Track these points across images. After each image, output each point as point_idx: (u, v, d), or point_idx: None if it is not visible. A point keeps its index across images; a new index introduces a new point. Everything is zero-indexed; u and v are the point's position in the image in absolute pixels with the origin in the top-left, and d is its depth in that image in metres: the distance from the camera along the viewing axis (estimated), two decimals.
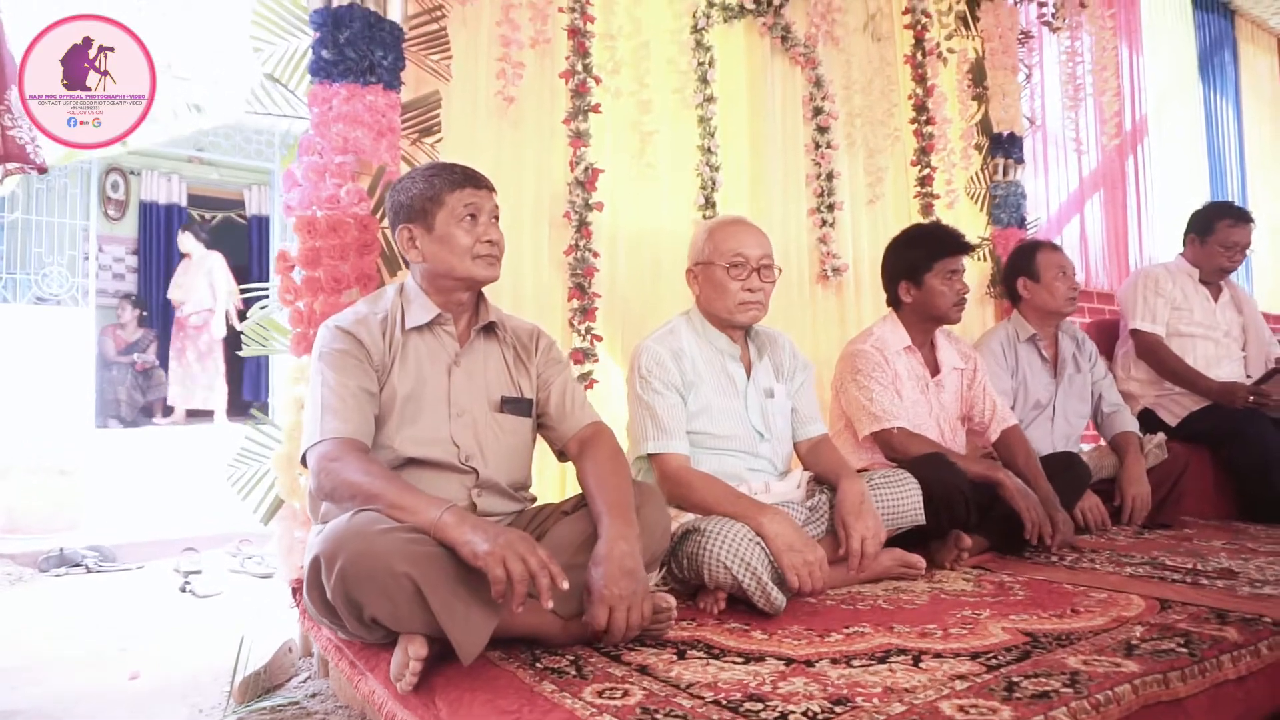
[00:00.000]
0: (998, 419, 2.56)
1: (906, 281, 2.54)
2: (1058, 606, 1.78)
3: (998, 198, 3.62)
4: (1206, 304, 3.38)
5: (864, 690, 1.28)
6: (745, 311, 2.03)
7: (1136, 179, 4.86)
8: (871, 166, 3.24)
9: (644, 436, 1.97)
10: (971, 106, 3.62)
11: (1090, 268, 4.51)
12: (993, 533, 2.31)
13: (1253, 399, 3.07)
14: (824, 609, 1.80)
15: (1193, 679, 1.41)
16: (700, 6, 2.80)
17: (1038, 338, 2.90)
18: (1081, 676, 1.32)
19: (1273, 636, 1.61)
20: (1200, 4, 5.57)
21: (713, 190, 2.72)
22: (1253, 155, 5.98)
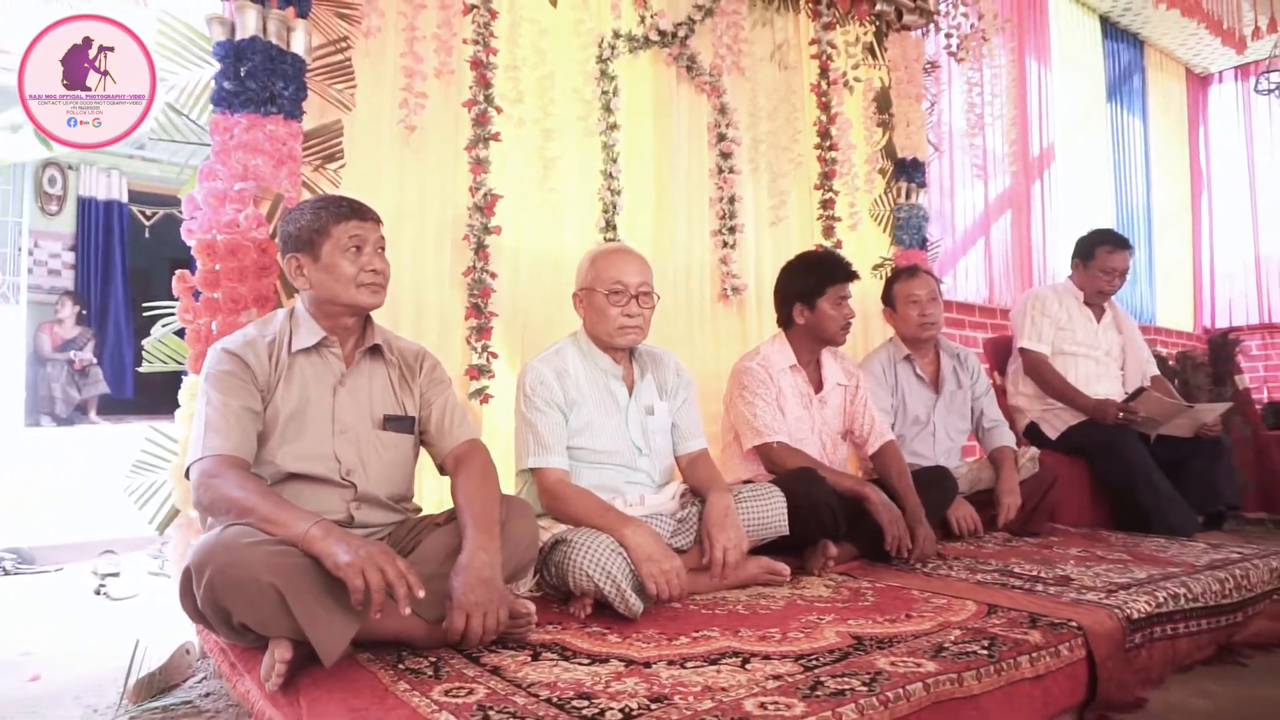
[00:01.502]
0: (876, 434, 2.73)
1: (800, 305, 2.70)
2: (895, 611, 1.95)
3: (900, 220, 3.81)
4: (1089, 325, 3.60)
5: (685, 689, 1.43)
6: (624, 335, 2.17)
7: (1043, 202, 5.11)
8: (775, 190, 3.41)
9: (526, 452, 2.11)
10: (877, 133, 3.80)
11: (994, 287, 4.73)
12: (861, 542, 2.49)
13: (1122, 415, 3.30)
14: (685, 614, 1.95)
15: (988, 678, 1.58)
16: (606, 38, 2.93)
17: (912, 358, 3.08)
18: (882, 676, 1.48)
19: (1074, 639, 1.80)
20: (1110, 33, 5.85)
21: (614, 214, 2.86)
22: (1158, 178, 6.29)
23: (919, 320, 3.06)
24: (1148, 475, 3.19)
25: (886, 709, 1.39)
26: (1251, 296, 6.61)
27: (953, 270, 4.61)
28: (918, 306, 3.06)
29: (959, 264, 4.66)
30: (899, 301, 3.10)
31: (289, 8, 2.21)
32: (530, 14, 2.78)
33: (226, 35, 2.14)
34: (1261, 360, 6.44)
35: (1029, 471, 3.08)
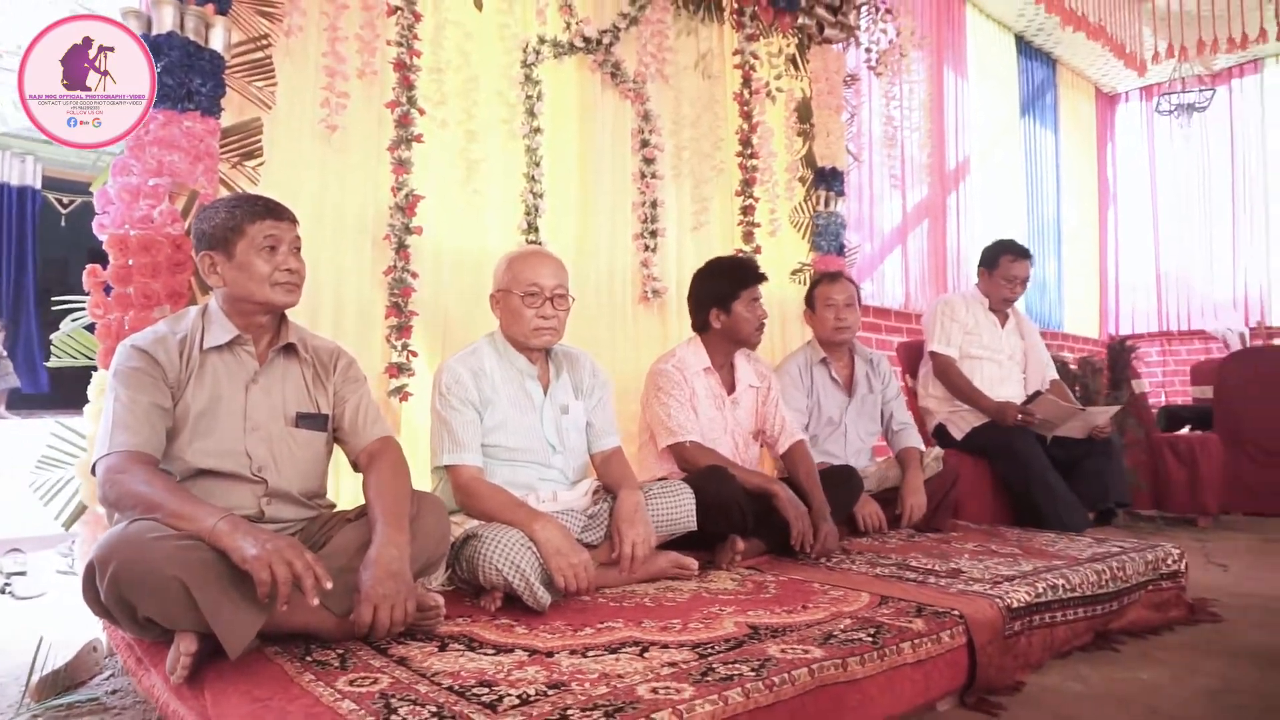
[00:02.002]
0: (786, 434, 2.84)
1: (717, 309, 2.79)
2: (794, 603, 2.05)
3: (819, 227, 3.95)
4: (994, 330, 3.79)
5: (583, 677, 1.49)
6: (539, 336, 2.23)
7: (959, 211, 5.32)
8: (698, 195, 3.50)
9: (441, 449, 2.15)
10: (797, 142, 3.93)
11: (911, 293, 4.92)
12: (769, 538, 2.59)
13: (1021, 417, 3.48)
14: (593, 606, 2.02)
15: (871, 663, 1.68)
16: (531, 43, 2.99)
17: (828, 361, 3.21)
18: (771, 662, 1.57)
19: (956, 627, 1.92)
20: (1025, 51, 6.11)
21: (537, 216, 2.92)
22: (1068, 191, 6.59)
23: (834, 324, 3.19)
24: (1043, 474, 3.38)
25: (772, 692, 1.48)
26: (1152, 306, 6.97)
27: (871, 276, 4.77)
28: (834, 310, 3.19)
29: (877, 270, 4.83)
30: (818, 304, 3.23)
31: (208, 4, 2.22)
32: (455, 17, 2.82)
33: (143, 30, 2.14)
34: (1160, 366, 6.81)
35: (934, 470, 3.23)
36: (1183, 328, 6.81)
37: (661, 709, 1.34)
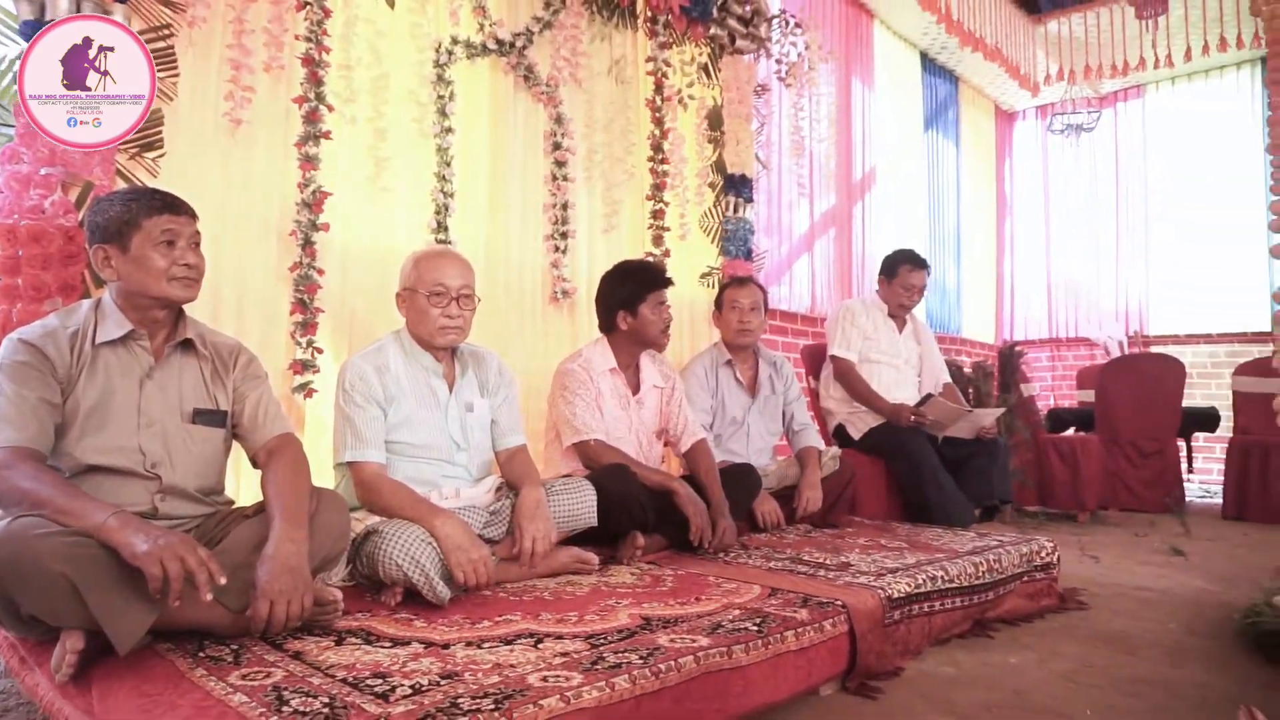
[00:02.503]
0: (688, 433, 2.94)
1: (624, 311, 2.86)
2: (689, 595, 2.13)
3: (728, 232, 4.06)
4: (892, 335, 3.96)
5: (476, 667, 1.54)
6: (444, 335, 2.26)
7: (864, 220, 5.53)
8: (609, 199, 3.57)
9: (343, 446, 2.17)
10: (708, 149, 4.03)
11: (817, 298, 5.09)
12: (669, 533, 2.67)
13: (914, 418, 3.66)
14: (493, 600, 2.06)
15: (755, 651, 1.78)
16: (444, 43, 3.01)
17: (733, 363, 3.33)
18: (659, 651, 1.65)
19: (838, 616, 2.04)
20: (929, 68, 6.38)
21: (446, 215, 2.94)
22: (968, 203, 6.90)
23: (737, 326, 3.30)
24: (933, 472, 3.56)
25: (658, 679, 1.56)
26: (1044, 314, 7.36)
27: (779, 281, 4.92)
28: (738, 313, 3.30)
29: (785, 275, 4.98)
30: (725, 307, 3.34)
31: None
32: (366, 14, 2.82)
33: (35, 14, 2.09)
34: (1049, 371, 7.19)
35: (831, 469, 3.37)
36: (1070, 335, 7.21)
37: (549, 696, 1.40)
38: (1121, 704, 2.00)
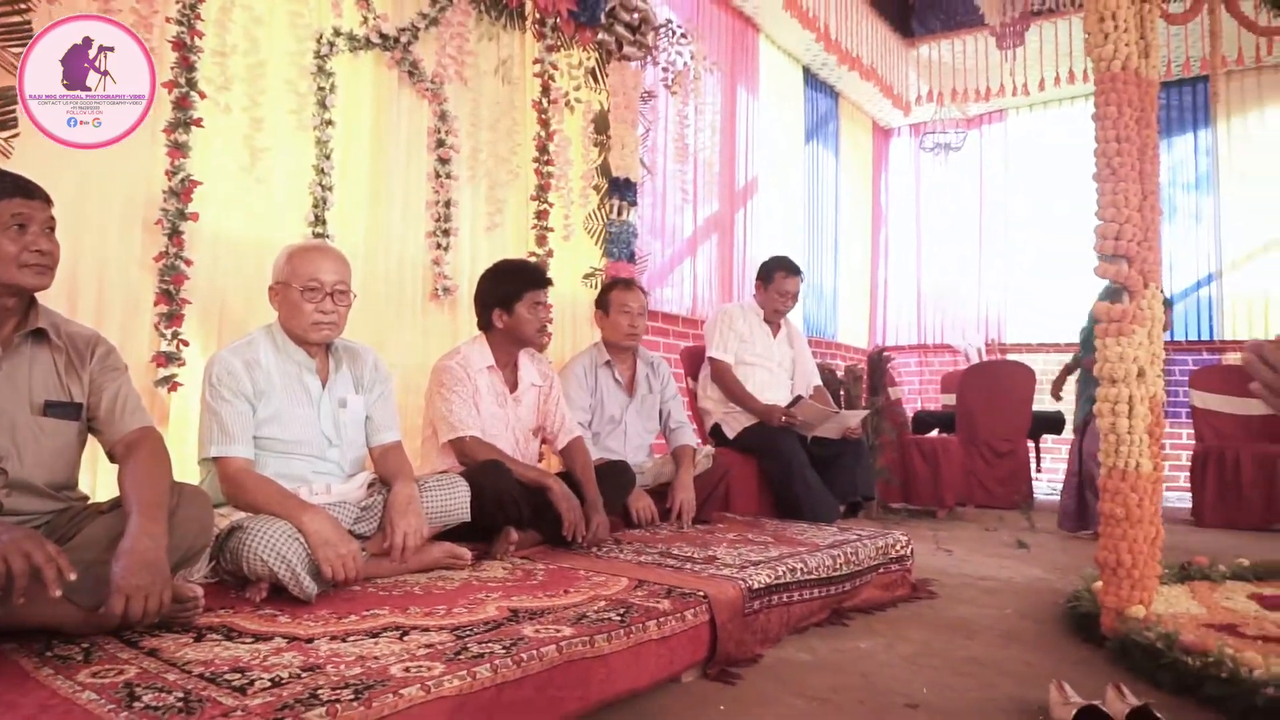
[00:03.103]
0: (565, 431, 3.00)
1: (500, 309, 2.89)
2: (558, 588, 2.19)
3: (612, 234, 4.14)
4: (767, 339, 4.13)
5: (339, 659, 1.56)
6: (318, 331, 2.25)
7: (745, 227, 5.72)
8: (493, 198, 3.59)
9: (209, 440, 2.13)
10: (593, 152, 4.10)
11: (697, 301, 5.24)
12: (544, 529, 2.73)
13: (785, 419, 3.83)
14: (362, 596, 2.07)
15: (617, 640, 1.85)
16: (325, 34, 2.97)
17: (612, 363, 3.41)
18: (523, 641, 1.70)
19: (699, 606, 2.14)
20: (811, 83, 6.63)
21: (325, 209, 2.90)
22: (845, 213, 7.22)
23: (627, 329, 3.39)
24: (801, 470, 3.73)
25: (519, 667, 1.61)
26: (913, 321, 7.78)
27: (661, 284, 5.04)
28: (629, 317, 3.38)
29: (667, 278, 5.11)
30: (613, 309, 3.40)
31: None
32: (244, 0, 2.75)
33: None
34: (917, 375, 7.60)
35: (705, 466, 3.50)
36: (937, 341, 7.64)
37: (410, 685, 1.43)
38: (955, 682, 2.18)
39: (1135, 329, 2.48)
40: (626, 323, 3.37)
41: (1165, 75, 6.25)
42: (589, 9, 3.95)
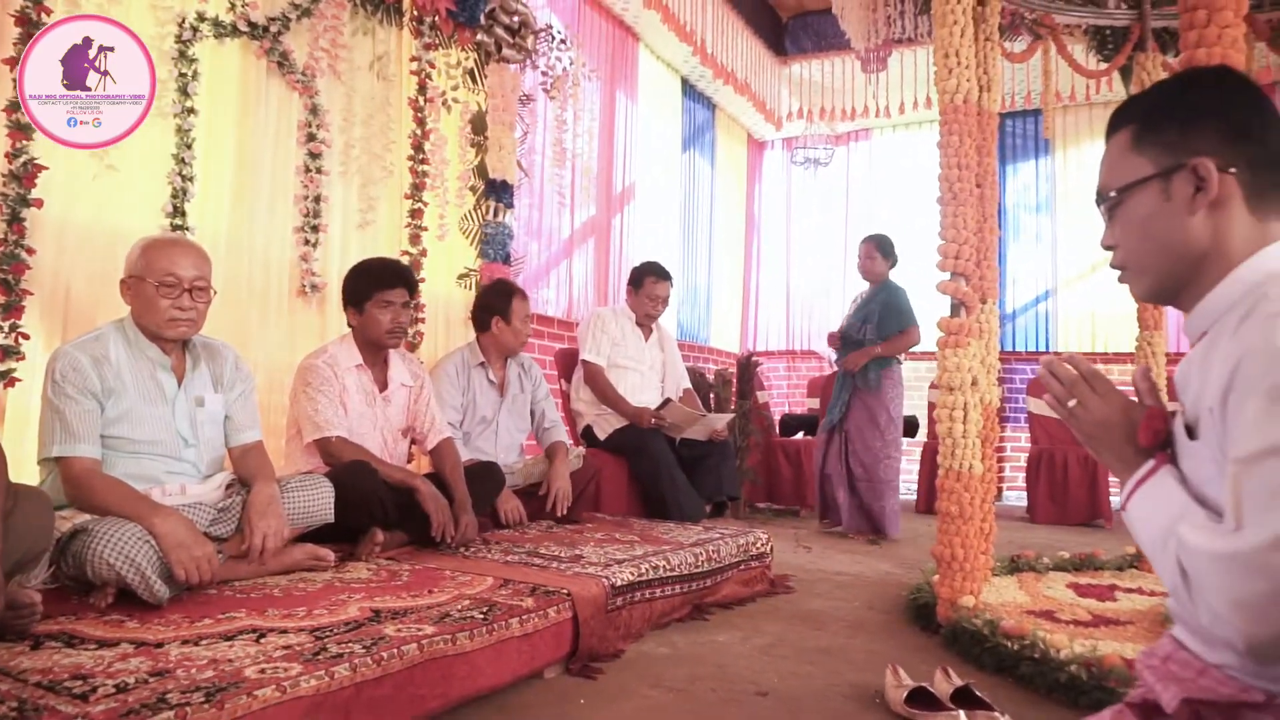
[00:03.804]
0: (435, 432, 3.00)
1: (352, 308, 2.87)
2: (422, 588, 2.20)
3: (488, 235, 4.15)
4: (639, 342, 4.23)
5: (190, 663, 1.53)
6: (174, 328, 2.18)
7: (622, 232, 5.82)
8: (365, 194, 3.54)
9: (51, 440, 2.03)
10: (470, 152, 4.10)
11: (573, 303, 5.30)
12: (412, 529, 2.72)
13: (654, 421, 3.94)
14: (218, 599, 2.02)
15: (480, 637, 1.89)
16: (189, 18, 2.86)
17: (486, 364, 3.43)
18: (384, 640, 1.71)
19: (563, 603, 2.20)
20: (689, 94, 6.80)
21: (185, 200, 2.80)
22: (720, 221, 7.43)
23: (526, 336, 3.47)
24: (670, 471, 3.85)
25: (380, 666, 1.63)
26: (783, 327, 8.09)
27: (537, 286, 5.07)
28: (527, 326, 3.46)
29: (543, 281, 5.14)
30: (515, 317, 3.45)
31: None
32: None
33: None
34: (786, 380, 7.90)
35: (575, 466, 3.56)
36: (804, 347, 7.96)
37: (266, 686, 1.43)
38: (803, 671, 2.32)
39: (970, 341, 2.69)
40: (526, 332, 3.46)
41: (1010, 106, 6.75)
42: (468, 9, 3.94)
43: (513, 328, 3.46)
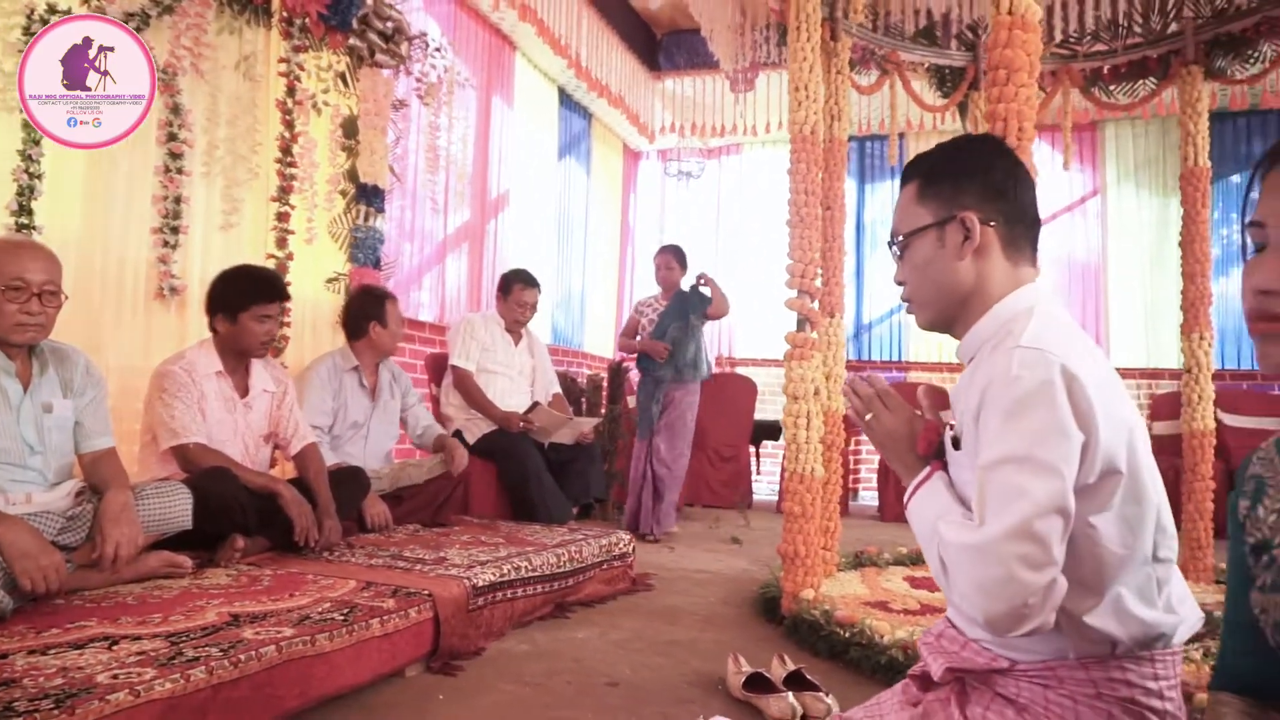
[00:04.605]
0: (299, 437, 3.00)
1: (223, 315, 2.85)
2: (283, 592, 2.23)
3: (358, 240, 4.13)
4: (508, 348, 4.31)
5: (38, 672, 1.53)
6: (22, 333, 2.12)
7: (496, 238, 5.88)
8: (229, 196, 3.48)
9: None
10: (341, 156, 4.08)
11: (446, 308, 5.33)
12: (274, 535, 2.73)
13: (522, 425, 4.03)
14: (67, 608, 2.00)
15: (339, 638, 1.95)
16: (39, 10, 2.76)
17: (358, 369, 3.45)
18: (242, 643, 1.76)
19: (424, 604, 2.27)
20: (566, 103, 6.92)
21: (32, 198, 2.71)
22: (595, 228, 7.58)
23: (400, 342, 3.51)
24: (537, 473, 3.95)
25: (237, 668, 1.67)
26: None
27: (408, 291, 5.07)
28: (401, 329, 3.56)
29: (414, 286, 5.15)
30: (392, 321, 3.52)
31: None
32: None
33: None
34: None
35: (441, 470, 3.61)
36: None
37: (119, 690, 1.46)
38: (655, 662, 2.47)
39: (814, 354, 2.92)
40: (400, 335, 3.55)
41: (868, 130, 7.18)
42: (340, 13, 3.93)
43: (390, 331, 3.53)
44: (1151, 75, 4.20)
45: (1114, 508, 1.11)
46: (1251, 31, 3.90)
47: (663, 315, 4.97)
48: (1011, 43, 2.19)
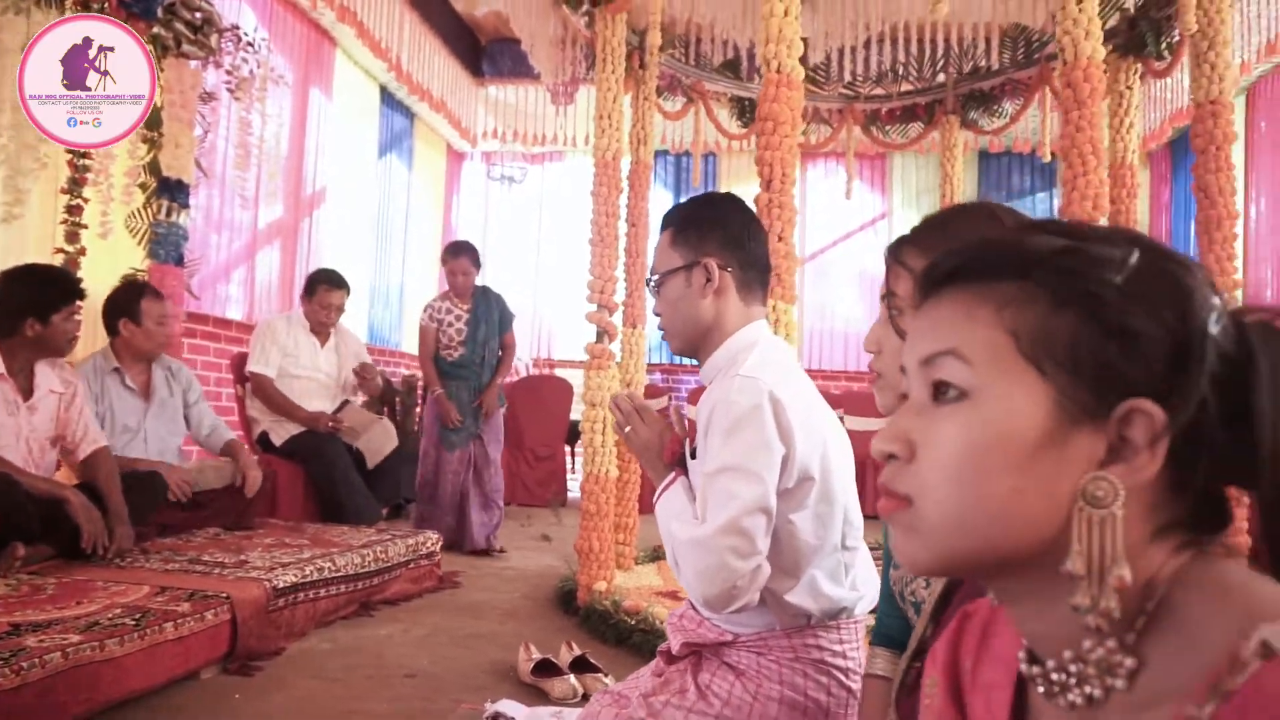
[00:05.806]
0: (88, 440, 2.92)
1: (34, 318, 2.73)
2: (69, 600, 2.21)
3: (159, 235, 3.99)
4: (313, 350, 4.25)
5: None
6: None
7: (310, 236, 5.79)
8: (12, 186, 3.30)
9: None
10: (142, 148, 3.93)
11: (255, 306, 5.21)
12: (61, 542, 2.66)
13: (331, 425, 4.05)
14: None
15: (130, 643, 1.98)
16: None
17: (121, 370, 3.34)
18: (24, 652, 1.76)
19: (221, 606, 2.32)
20: (388, 101, 6.87)
21: None
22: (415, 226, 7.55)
23: (161, 338, 3.37)
24: (346, 474, 3.98)
25: (18, 676, 1.69)
26: None
27: (214, 288, 4.93)
28: (164, 327, 3.37)
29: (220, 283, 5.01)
30: (148, 318, 3.33)
31: None
32: None
33: None
34: None
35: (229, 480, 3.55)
36: None
37: None
38: (454, 654, 2.63)
39: (611, 364, 3.16)
40: (163, 333, 3.36)
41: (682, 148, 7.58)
42: (144, 0, 3.80)
43: (144, 329, 3.34)
44: (920, 119, 4.77)
45: (809, 506, 1.38)
46: (998, 90, 4.53)
47: (472, 325, 4.58)
48: (779, 98, 2.50)
